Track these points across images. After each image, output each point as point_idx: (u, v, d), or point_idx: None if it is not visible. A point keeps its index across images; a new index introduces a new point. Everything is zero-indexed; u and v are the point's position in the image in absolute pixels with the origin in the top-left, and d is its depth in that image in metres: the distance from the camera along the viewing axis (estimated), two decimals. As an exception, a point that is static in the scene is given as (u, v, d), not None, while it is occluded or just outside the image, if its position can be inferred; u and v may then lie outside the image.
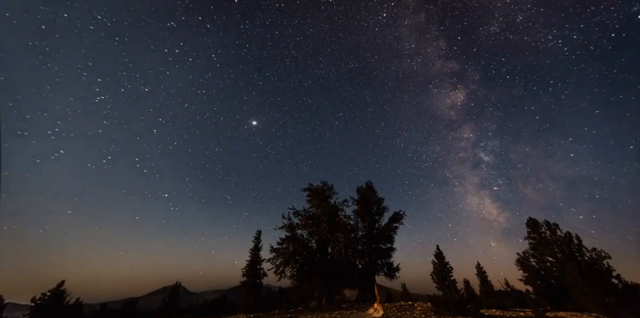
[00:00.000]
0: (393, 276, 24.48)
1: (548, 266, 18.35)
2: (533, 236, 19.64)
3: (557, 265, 17.48)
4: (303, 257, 23.59)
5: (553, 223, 19.01)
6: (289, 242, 23.85)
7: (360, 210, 26.66)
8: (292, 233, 24.60)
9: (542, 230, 19.36)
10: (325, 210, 25.40)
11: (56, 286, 18.84)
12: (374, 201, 26.65)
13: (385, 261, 24.98)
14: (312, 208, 26.35)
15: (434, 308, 13.09)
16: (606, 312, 13.67)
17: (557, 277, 17.36)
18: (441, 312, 12.46)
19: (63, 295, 18.87)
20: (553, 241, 18.20)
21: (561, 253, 17.45)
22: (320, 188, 26.99)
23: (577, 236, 17.28)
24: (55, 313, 17.90)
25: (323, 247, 24.59)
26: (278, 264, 22.93)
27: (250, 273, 27.14)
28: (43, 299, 18.02)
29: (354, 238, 24.94)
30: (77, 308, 19.44)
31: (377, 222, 26.01)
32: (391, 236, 25.61)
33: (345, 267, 24.12)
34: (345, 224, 24.77)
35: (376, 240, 25.15)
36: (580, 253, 16.52)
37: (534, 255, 19.29)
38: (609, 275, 14.94)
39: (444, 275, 25.76)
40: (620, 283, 14.71)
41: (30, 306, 17.56)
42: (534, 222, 20.06)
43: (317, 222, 24.79)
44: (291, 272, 22.86)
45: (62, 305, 18.52)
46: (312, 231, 24.90)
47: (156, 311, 27.22)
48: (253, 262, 27.96)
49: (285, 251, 23.33)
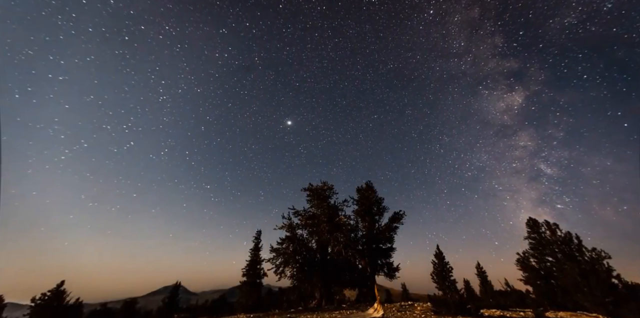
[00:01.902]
0: (393, 276, 24.47)
1: (548, 266, 18.34)
2: (533, 236, 19.61)
3: (557, 265, 17.46)
4: (303, 257, 23.59)
5: (553, 223, 19.00)
6: (289, 242, 23.86)
7: (360, 210, 26.65)
8: (292, 233, 24.61)
9: (542, 230, 19.35)
10: (325, 210, 25.40)
11: (56, 286, 18.88)
12: (374, 201, 26.64)
13: (385, 261, 24.97)
14: (312, 208, 26.36)
15: (434, 308, 13.09)
16: (606, 312, 13.67)
17: (557, 277, 17.35)
18: (441, 312, 12.45)
19: (63, 295, 18.90)
20: (553, 241, 18.19)
21: (561, 253, 17.44)
22: (320, 188, 26.98)
23: (577, 236, 17.28)
24: (55, 313, 17.91)
25: (323, 247, 24.59)
26: (278, 264, 22.95)
27: (250, 273, 27.13)
28: (43, 299, 18.05)
29: (354, 238, 24.95)
30: (77, 308, 19.47)
31: (377, 222, 26.00)
32: (391, 236, 25.61)
33: (345, 267, 24.12)
34: (345, 224, 24.78)
35: (376, 240, 25.15)
36: (580, 253, 16.51)
37: (534, 255, 19.28)
38: (609, 275, 14.94)
39: (444, 275, 25.79)
40: (620, 283, 14.71)
41: (30, 306, 17.60)
42: (534, 222, 20.04)
43: (317, 222, 24.81)
44: (291, 272, 22.87)
45: (62, 305, 18.54)
46: (312, 231, 24.91)
47: (156, 311, 27.26)
48: (253, 262, 27.95)
49: (285, 251, 23.34)
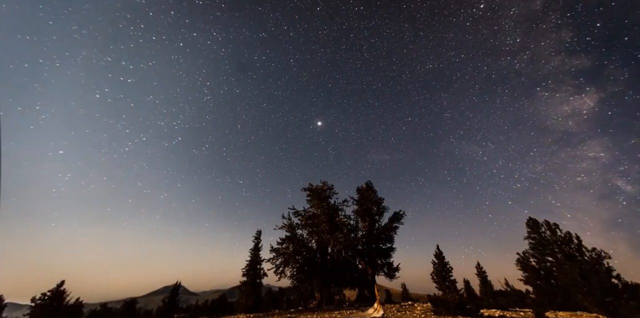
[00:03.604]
0: (393, 276, 24.49)
1: (548, 266, 18.33)
2: (533, 236, 19.60)
3: (557, 265, 17.45)
4: (303, 257, 23.60)
5: (553, 223, 18.98)
6: (289, 242, 23.86)
7: (360, 210, 26.68)
8: (292, 233, 24.62)
9: (542, 230, 19.33)
10: (325, 210, 25.41)
11: (56, 286, 18.86)
12: (374, 201, 26.66)
13: (385, 261, 24.99)
14: (312, 208, 26.37)
15: (434, 308, 13.09)
16: (606, 312, 13.66)
17: (557, 277, 17.34)
18: (441, 312, 12.45)
19: (63, 295, 18.88)
20: (553, 241, 18.17)
21: (561, 253, 17.42)
22: (320, 188, 26.99)
23: (577, 236, 17.26)
24: (55, 313, 17.91)
25: (323, 247, 24.59)
26: (278, 264, 22.95)
27: (250, 273, 27.08)
28: (43, 299, 18.03)
29: (354, 238, 24.96)
30: (77, 308, 19.46)
31: (377, 222, 26.03)
32: (391, 236, 25.65)
33: (345, 267, 24.13)
34: (345, 224, 24.79)
35: (376, 240, 25.17)
36: (580, 253, 16.50)
37: (534, 255, 19.27)
38: (609, 275, 14.93)
39: (444, 275, 25.68)
40: (620, 283, 14.70)
41: (30, 306, 17.58)
42: (534, 222, 20.02)
43: (317, 222, 24.81)
44: (291, 272, 22.88)
45: (62, 305, 18.53)
46: (312, 231, 24.92)
47: (156, 311, 27.25)
48: (253, 262, 27.91)
49: (285, 251, 23.34)
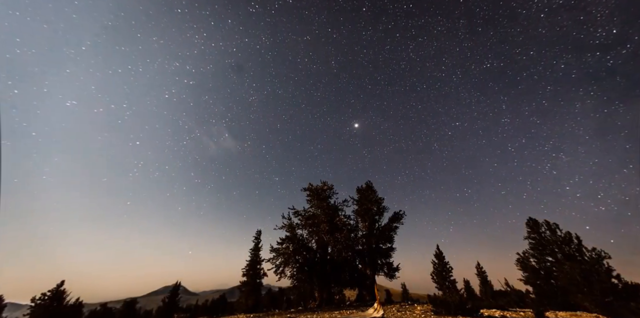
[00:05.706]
0: (393, 276, 24.49)
1: (548, 266, 18.32)
2: (533, 236, 19.60)
3: (557, 265, 17.45)
4: (303, 257, 23.60)
5: (553, 223, 18.98)
6: (288, 242, 23.86)
7: (360, 210, 26.67)
8: (292, 233, 24.62)
9: (542, 230, 19.33)
10: (325, 210, 25.42)
11: (56, 286, 18.86)
12: (374, 201, 26.65)
13: (385, 261, 24.99)
14: (312, 208, 26.38)
15: (434, 308, 13.08)
16: (606, 312, 13.66)
17: (557, 277, 17.33)
18: (441, 312, 12.45)
19: (63, 295, 18.88)
20: (553, 241, 18.17)
21: (561, 253, 17.43)
22: (320, 188, 26.99)
23: (577, 236, 17.26)
24: (55, 313, 17.90)
25: (323, 247, 24.60)
26: (278, 264, 22.94)
27: (250, 273, 27.10)
28: (43, 299, 18.03)
29: (354, 238, 24.95)
30: (77, 308, 19.46)
31: (377, 222, 26.01)
32: (391, 236, 25.63)
33: (345, 267, 24.13)
34: (345, 224, 24.79)
35: (376, 240, 25.16)
36: (580, 253, 16.49)
37: (534, 255, 19.26)
38: (609, 275, 14.92)
39: (444, 275, 25.71)
40: (620, 283, 14.69)
41: (31, 306, 17.58)
42: (534, 222, 20.02)
43: (316, 222, 24.82)
44: (291, 272, 22.88)
45: (62, 305, 18.53)
46: (312, 231, 24.92)
47: (156, 311, 27.25)
48: (253, 262, 27.92)
49: (285, 251, 23.34)
